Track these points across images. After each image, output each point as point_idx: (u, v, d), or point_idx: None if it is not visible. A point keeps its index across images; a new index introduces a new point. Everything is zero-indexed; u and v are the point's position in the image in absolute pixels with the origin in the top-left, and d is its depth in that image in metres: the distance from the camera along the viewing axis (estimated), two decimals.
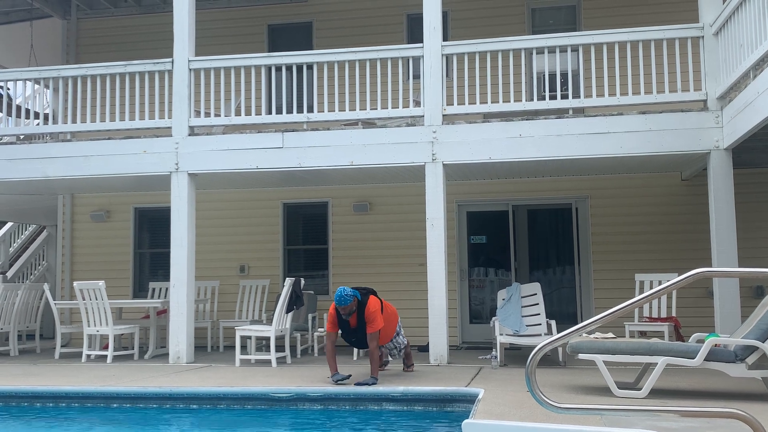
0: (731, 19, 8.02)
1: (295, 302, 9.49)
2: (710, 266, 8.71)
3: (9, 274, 14.87)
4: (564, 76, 9.76)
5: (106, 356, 9.83)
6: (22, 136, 10.97)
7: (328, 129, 9.61)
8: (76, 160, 10.06)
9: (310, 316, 10.84)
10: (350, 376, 7.29)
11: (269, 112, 10.15)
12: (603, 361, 6.43)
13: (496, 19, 11.84)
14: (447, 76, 9.54)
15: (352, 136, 9.47)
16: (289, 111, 9.97)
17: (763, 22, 6.96)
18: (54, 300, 10.94)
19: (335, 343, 7.64)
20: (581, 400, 6.04)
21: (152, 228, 12.87)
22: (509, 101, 9.28)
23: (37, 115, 11.75)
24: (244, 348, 9.76)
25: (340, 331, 7.76)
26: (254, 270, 12.26)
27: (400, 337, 8.16)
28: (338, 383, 7.16)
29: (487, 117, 9.60)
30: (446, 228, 9.23)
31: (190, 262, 9.62)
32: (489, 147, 9.12)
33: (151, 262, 12.86)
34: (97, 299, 9.79)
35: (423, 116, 9.33)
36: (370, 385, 7.05)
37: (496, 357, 8.58)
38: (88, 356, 9.95)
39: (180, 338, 9.42)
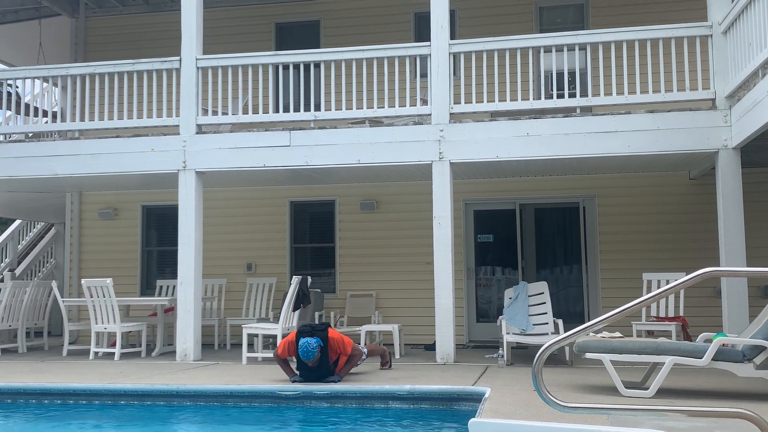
0: (740, 17, 7.99)
1: (301, 300, 9.50)
2: (718, 266, 8.68)
3: (17, 271, 14.92)
4: (572, 74, 9.71)
5: (113, 353, 9.87)
6: (30, 134, 11.00)
7: (336, 127, 9.62)
8: (84, 158, 10.09)
9: (316, 314, 10.86)
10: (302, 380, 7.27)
11: (276, 111, 10.16)
12: (610, 361, 6.42)
13: (503, 18, 11.83)
14: (454, 74, 9.52)
15: (360, 134, 9.47)
16: (297, 109, 9.98)
17: None
18: (62, 297, 10.97)
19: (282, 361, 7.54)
20: (588, 400, 6.03)
21: (160, 226, 12.91)
22: (517, 100, 9.25)
23: (45, 113, 11.78)
24: (251, 346, 9.78)
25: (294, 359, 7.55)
26: (261, 268, 12.28)
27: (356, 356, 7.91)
28: (295, 383, 7.18)
29: (495, 115, 9.59)
30: (453, 226, 9.23)
31: (197, 260, 9.64)
32: (496, 145, 9.10)
33: (158, 259, 12.90)
34: (104, 296, 9.83)
35: (430, 115, 9.32)
36: (335, 382, 7.13)
37: (502, 356, 8.58)
38: (96, 353, 9.98)
39: (187, 336, 9.45)
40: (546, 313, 9.22)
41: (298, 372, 7.44)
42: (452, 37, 9.92)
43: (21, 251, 15.87)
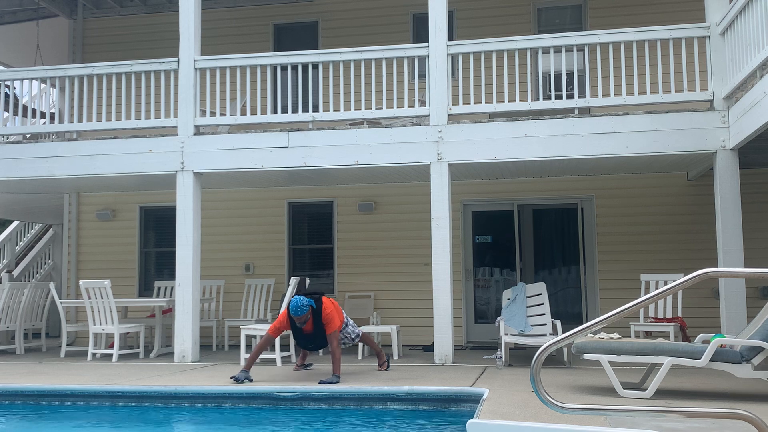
0: (738, 18, 8.00)
1: None
2: (716, 266, 8.69)
3: (15, 272, 14.91)
4: (570, 75, 9.73)
5: (111, 355, 9.86)
6: (28, 136, 11.00)
7: (334, 128, 9.61)
8: (82, 159, 10.08)
9: None
10: (252, 380, 7.29)
11: (275, 112, 10.17)
12: (608, 362, 6.42)
13: (501, 19, 11.84)
14: (452, 75, 9.52)
15: (358, 135, 9.48)
16: (295, 110, 9.98)
17: None
18: (60, 299, 10.97)
19: (268, 345, 7.61)
20: (586, 401, 6.04)
21: (158, 227, 12.90)
22: (515, 101, 9.25)
23: (43, 115, 11.79)
24: (249, 347, 9.77)
25: (291, 334, 7.68)
26: (259, 269, 12.27)
27: (349, 328, 8.14)
28: (233, 379, 7.20)
29: (493, 117, 9.60)
30: (451, 228, 9.23)
31: (195, 261, 9.64)
32: (494, 146, 9.11)
33: (156, 261, 12.89)
34: (102, 298, 9.82)
35: (428, 116, 9.33)
36: (333, 383, 7.11)
37: (500, 357, 8.57)
38: (94, 355, 9.98)
39: (185, 337, 9.44)
40: (544, 314, 9.22)
41: (291, 335, 7.67)
42: (450, 38, 9.93)
43: (19, 252, 15.86)
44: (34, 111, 11.00)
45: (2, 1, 13.06)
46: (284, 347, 9.61)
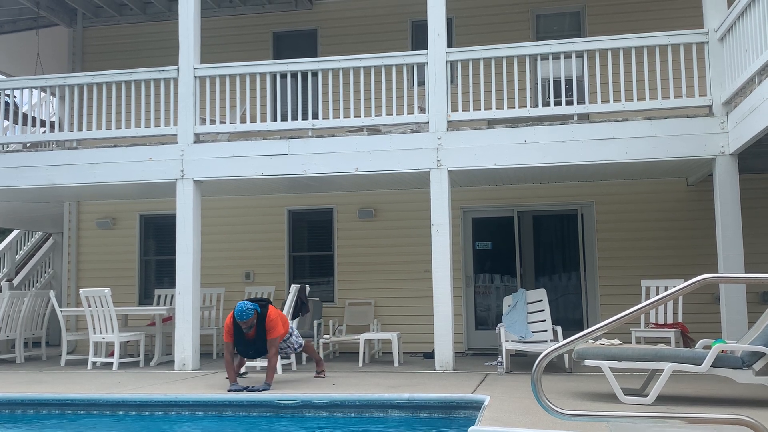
0: (736, 24, 8.02)
1: (300, 309, 9.50)
2: (716, 272, 8.69)
3: (15, 281, 14.90)
4: (569, 82, 9.75)
5: (111, 363, 9.85)
6: (28, 144, 11.01)
7: (333, 136, 9.63)
8: (81, 167, 10.09)
9: (315, 322, 10.85)
10: (247, 388, 7.31)
11: (274, 119, 10.17)
12: (609, 368, 6.41)
13: (500, 26, 11.87)
14: (452, 82, 9.54)
15: (357, 142, 9.48)
16: (294, 118, 9.99)
17: None
18: (60, 307, 10.95)
19: (233, 353, 7.63)
20: (587, 407, 6.02)
21: (158, 235, 12.90)
22: (514, 107, 9.26)
23: (43, 123, 11.80)
24: None
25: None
26: (259, 277, 12.27)
27: (293, 338, 8.16)
28: (230, 392, 7.19)
29: (492, 123, 9.61)
30: (451, 234, 9.23)
31: (195, 268, 9.63)
32: (494, 153, 9.12)
33: (156, 269, 12.89)
34: (102, 306, 9.81)
35: (428, 123, 9.34)
36: (260, 391, 7.15)
37: (501, 363, 8.56)
38: (94, 363, 9.96)
39: (185, 345, 9.43)
40: (545, 321, 9.22)
41: (236, 350, 7.63)
42: (449, 45, 9.95)
43: (19, 261, 15.85)
44: (34, 120, 11.01)
45: (2, 11, 13.09)
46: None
